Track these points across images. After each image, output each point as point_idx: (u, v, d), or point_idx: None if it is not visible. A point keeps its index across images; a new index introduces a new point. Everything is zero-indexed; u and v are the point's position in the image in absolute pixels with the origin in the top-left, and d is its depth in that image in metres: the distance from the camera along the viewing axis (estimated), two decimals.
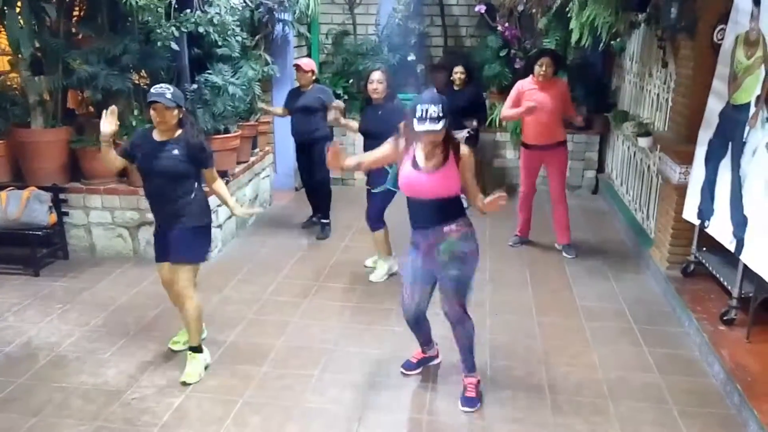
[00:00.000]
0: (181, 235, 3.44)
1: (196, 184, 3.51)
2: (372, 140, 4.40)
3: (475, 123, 6.42)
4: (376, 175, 4.45)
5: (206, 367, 3.57)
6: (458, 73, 6.43)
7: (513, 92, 5.33)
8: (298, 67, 5.63)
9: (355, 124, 4.94)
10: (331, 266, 5.13)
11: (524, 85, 5.29)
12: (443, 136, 3.00)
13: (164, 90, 3.32)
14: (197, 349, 3.57)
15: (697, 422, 3.17)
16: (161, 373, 3.54)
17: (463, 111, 6.26)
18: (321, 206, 5.94)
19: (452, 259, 3.12)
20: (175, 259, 3.46)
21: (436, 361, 3.64)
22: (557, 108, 5.19)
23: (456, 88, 6.42)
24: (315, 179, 5.84)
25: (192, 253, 3.49)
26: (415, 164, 3.08)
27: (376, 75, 4.59)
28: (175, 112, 3.36)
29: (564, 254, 5.38)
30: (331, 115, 4.66)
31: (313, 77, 5.69)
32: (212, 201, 4.97)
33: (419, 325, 3.43)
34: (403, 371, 3.58)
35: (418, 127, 2.91)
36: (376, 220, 4.79)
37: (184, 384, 3.45)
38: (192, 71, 5.21)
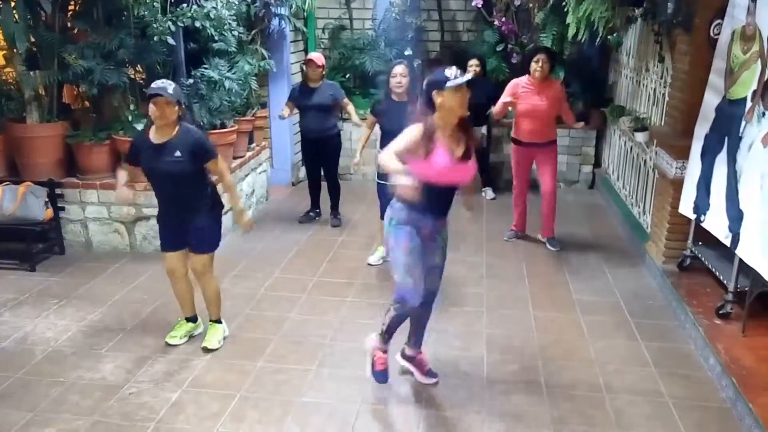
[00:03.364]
0: (200, 226, 3.58)
1: (205, 179, 3.56)
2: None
3: (484, 129, 6.42)
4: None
5: (224, 338, 3.83)
6: (473, 66, 6.34)
7: (508, 89, 5.34)
8: (310, 62, 5.59)
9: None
10: (329, 261, 5.13)
11: (519, 84, 5.28)
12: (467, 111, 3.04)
13: (165, 84, 3.33)
14: (218, 321, 3.85)
15: (693, 415, 3.19)
16: (158, 368, 3.55)
17: (481, 107, 6.24)
18: (333, 199, 6.03)
19: (446, 247, 3.29)
20: (199, 251, 3.64)
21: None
22: (552, 109, 5.22)
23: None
24: (329, 174, 5.93)
25: (211, 242, 3.69)
26: (452, 155, 3.06)
27: (399, 68, 4.49)
28: (176, 108, 3.36)
29: (549, 247, 5.42)
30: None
31: (324, 72, 5.72)
32: None
33: (426, 314, 3.41)
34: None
35: (454, 82, 2.92)
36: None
37: (206, 350, 3.70)
38: (188, 66, 5.20)
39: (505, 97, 5.33)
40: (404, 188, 3.00)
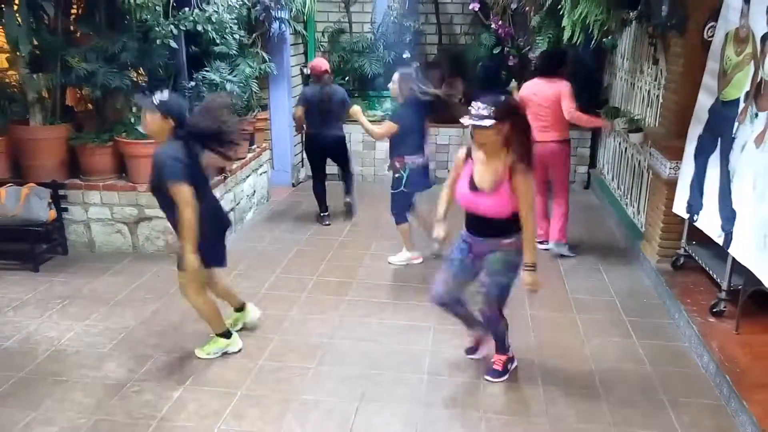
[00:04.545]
0: None
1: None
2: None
3: None
4: (395, 176, 4.88)
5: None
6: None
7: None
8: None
9: None
10: (328, 261, 5.18)
11: None
12: (495, 140, 2.99)
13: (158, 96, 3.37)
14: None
15: (687, 412, 3.23)
16: (160, 367, 3.59)
17: None
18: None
19: (506, 268, 3.22)
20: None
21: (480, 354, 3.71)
22: None
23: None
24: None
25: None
26: (472, 184, 3.12)
27: (394, 76, 4.87)
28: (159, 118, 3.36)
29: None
30: None
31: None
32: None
33: (451, 309, 3.47)
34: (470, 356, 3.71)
35: (467, 121, 2.96)
36: (399, 215, 5.07)
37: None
38: (190, 69, 5.24)
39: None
40: None
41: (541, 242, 5.45)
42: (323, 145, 5.96)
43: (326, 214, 6.15)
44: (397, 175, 4.89)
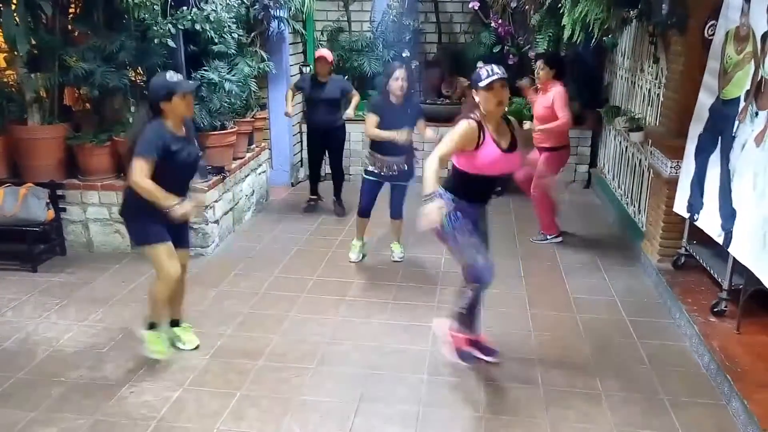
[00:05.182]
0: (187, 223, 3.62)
1: None
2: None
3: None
4: (410, 170, 4.87)
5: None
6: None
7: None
8: (321, 58, 5.94)
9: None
10: (328, 260, 5.17)
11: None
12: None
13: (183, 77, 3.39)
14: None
15: (688, 412, 3.22)
16: (159, 367, 3.57)
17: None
18: (337, 187, 6.42)
19: (488, 233, 3.58)
20: (189, 245, 3.70)
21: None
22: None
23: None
24: (334, 164, 6.35)
25: None
26: (500, 146, 3.23)
27: (401, 72, 4.67)
28: None
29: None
30: None
31: (332, 68, 6.05)
32: (209, 195, 5.06)
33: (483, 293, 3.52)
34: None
35: (489, 79, 3.07)
36: (401, 210, 5.08)
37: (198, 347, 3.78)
38: (188, 68, 5.23)
39: None
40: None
41: (556, 236, 5.61)
42: None
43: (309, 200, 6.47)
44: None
